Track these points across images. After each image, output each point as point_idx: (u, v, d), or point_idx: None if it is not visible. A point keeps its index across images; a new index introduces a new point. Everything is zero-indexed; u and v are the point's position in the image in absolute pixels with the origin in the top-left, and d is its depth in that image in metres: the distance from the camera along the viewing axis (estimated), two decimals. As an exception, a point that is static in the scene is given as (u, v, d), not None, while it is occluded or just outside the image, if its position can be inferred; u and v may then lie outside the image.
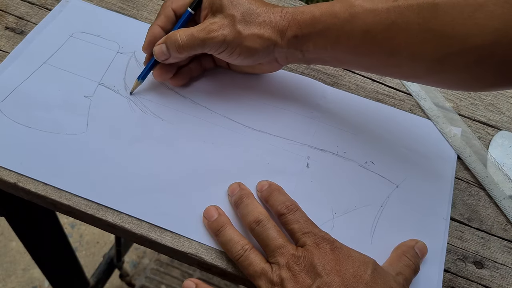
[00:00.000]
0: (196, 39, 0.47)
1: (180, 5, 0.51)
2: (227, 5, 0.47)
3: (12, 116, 0.50)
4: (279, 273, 0.40)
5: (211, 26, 0.47)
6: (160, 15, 0.51)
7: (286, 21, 0.47)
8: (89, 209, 0.46)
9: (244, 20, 0.47)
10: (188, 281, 0.42)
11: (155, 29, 0.51)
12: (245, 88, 0.56)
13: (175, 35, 0.48)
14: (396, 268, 0.42)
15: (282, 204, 0.44)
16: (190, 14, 0.50)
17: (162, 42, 0.49)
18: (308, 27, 0.46)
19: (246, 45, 0.47)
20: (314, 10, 0.46)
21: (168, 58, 0.49)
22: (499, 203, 0.51)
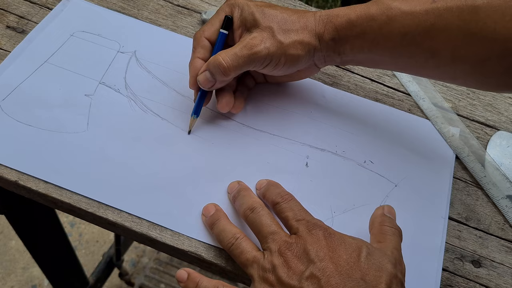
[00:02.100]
0: (240, 57, 0.46)
1: (212, 32, 0.50)
2: (261, 19, 0.47)
3: (13, 115, 0.50)
4: (271, 259, 0.40)
5: (252, 41, 0.47)
6: (196, 47, 0.50)
7: (322, 25, 0.47)
8: (90, 207, 0.46)
9: (282, 29, 0.47)
10: (181, 270, 0.42)
11: (196, 62, 0.49)
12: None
13: (217, 59, 0.47)
14: (388, 245, 0.42)
15: (278, 194, 0.45)
16: (224, 34, 0.49)
17: (205, 70, 0.48)
18: (344, 30, 0.46)
19: (290, 53, 0.47)
20: (349, 13, 0.46)
21: (214, 83, 0.48)
22: (496, 203, 0.51)
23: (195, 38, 0.50)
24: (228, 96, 0.51)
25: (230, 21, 0.49)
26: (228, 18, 0.49)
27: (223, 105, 0.50)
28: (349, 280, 0.38)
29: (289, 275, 0.39)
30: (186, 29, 0.61)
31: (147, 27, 0.60)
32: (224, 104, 0.50)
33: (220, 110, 0.51)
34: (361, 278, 0.38)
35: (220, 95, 0.51)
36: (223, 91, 0.51)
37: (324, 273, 0.38)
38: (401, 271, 0.40)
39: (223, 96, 0.50)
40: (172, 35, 0.60)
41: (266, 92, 0.56)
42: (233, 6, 0.49)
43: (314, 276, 0.38)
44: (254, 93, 0.56)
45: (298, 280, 0.38)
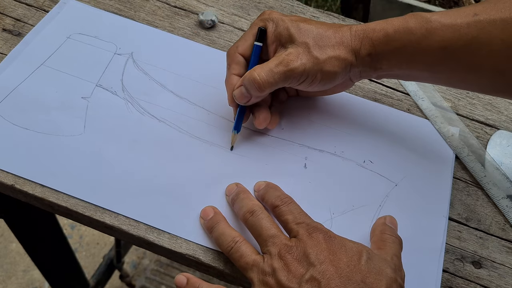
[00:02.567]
0: (275, 73, 0.45)
1: (246, 47, 0.49)
2: (297, 34, 0.46)
3: (10, 118, 0.50)
4: (271, 263, 0.40)
5: (288, 57, 0.46)
6: (230, 64, 0.49)
7: (358, 40, 0.46)
8: (87, 211, 0.45)
9: (318, 45, 0.46)
10: (180, 275, 0.42)
11: (232, 79, 0.49)
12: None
13: (252, 75, 0.46)
14: (388, 251, 0.42)
15: (277, 197, 0.44)
16: (259, 47, 0.48)
17: (240, 85, 0.47)
18: (381, 45, 0.45)
19: (326, 69, 0.46)
20: (386, 27, 0.45)
21: (250, 98, 0.47)
22: (497, 203, 0.51)
23: (228, 55, 0.50)
24: (265, 112, 0.50)
25: (263, 33, 0.48)
26: (261, 30, 0.48)
27: (260, 121, 0.49)
28: (349, 283, 0.37)
29: (289, 278, 0.38)
30: (183, 30, 0.60)
31: (144, 29, 0.60)
32: (262, 120, 0.49)
33: (257, 126, 0.50)
34: (361, 281, 0.37)
35: (257, 111, 0.50)
36: (260, 107, 0.50)
37: (324, 276, 0.38)
38: (400, 277, 0.40)
39: (260, 112, 0.50)
40: (169, 37, 0.59)
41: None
42: (267, 20, 0.48)
43: (314, 279, 0.38)
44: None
45: (298, 283, 0.38)
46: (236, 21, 0.62)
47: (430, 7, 1.47)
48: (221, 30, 0.61)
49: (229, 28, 0.61)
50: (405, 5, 1.48)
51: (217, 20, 0.61)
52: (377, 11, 1.56)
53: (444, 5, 1.53)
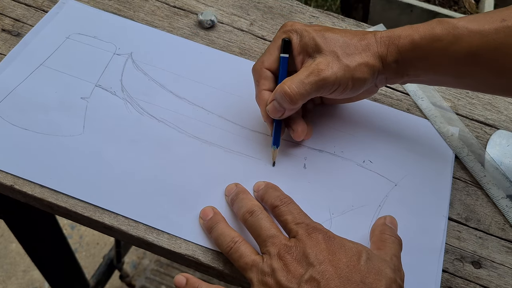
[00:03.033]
0: (307, 84, 0.45)
1: (272, 61, 0.48)
2: (323, 44, 0.46)
3: (9, 118, 0.50)
4: (270, 263, 0.40)
5: (318, 67, 0.45)
6: (259, 80, 0.49)
7: (384, 47, 0.46)
8: (86, 211, 0.45)
9: (346, 53, 0.46)
10: (179, 276, 0.42)
11: (263, 95, 0.48)
12: (242, 89, 0.56)
13: (283, 88, 0.45)
14: (387, 252, 0.42)
15: (276, 197, 0.44)
16: (286, 58, 0.48)
17: (272, 100, 0.47)
18: (408, 52, 0.45)
19: (357, 76, 0.46)
20: (412, 33, 0.45)
21: (284, 112, 0.47)
22: (497, 203, 0.51)
23: (255, 71, 0.49)
24: (302, 124, 0.49)
25: (288, 44, 0.48)
26: (286, 41, 0.47)
27: (298, 134, 0.49)
28: (348, 283, 0.37)
29: (288, 278, 0.38)
30: (183, 30, 0.60)
31: (143, 29, 0.59)
32: (300, 132, 0.49)
33: (296, 139, 0.50)
34: (360, 281, 0.37)
35: (293, 124, 0.49)
36: (295, 120, 0.49)
37: (324, 276, 0.37)
38: (400, 277, 0.40)
39: (296, 124, 0.49)
40: (169, 37, 0.59)
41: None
42: (290, 32, 0.48)
43: (313, 279, 0.38)
44: (252, 94, 0.56)
45: (297, 284, 0.38)
46: (236, 21, 0.62)
47: (429, 7, 1.47)
48: (220, 30, 0.61)
49: (229, 28, 0.61)
50: (405, 5, 1.48)
51: (216, 20, 0.61)
52: (377, 10, 1.56)
53: (443, 5, 1.53)
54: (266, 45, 0.60)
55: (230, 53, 0.59)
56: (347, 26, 0.64)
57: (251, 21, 0.62)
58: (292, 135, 0.50)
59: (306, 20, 0.64)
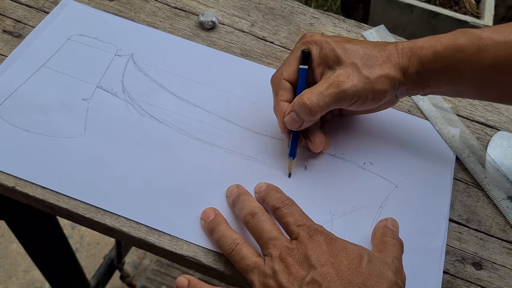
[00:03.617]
0: (326, 96, 0.45)
1: (291, 72, 0.48)
2: (344, 55, 0.45)
3: (10, 120, 0.50)
4: (271, 265, 0.40)
5: (338, 79, 0.45)
6: (277, 91, 0.48)
7: (406, 58, 0.45)
8: (87, 213, 0.46)
9: (366, 64, 0.45)
10: (180, 277, 0.42)
11: (281, 106, 0.48)
12: (243, 90, 0.56)
13: (302, 99, 0.45)
14: (389, 254, 0.42)
15: (278, 199, 0.44)
16: (305, 70, 0.48)
17: (290, 111, 0.46)
18: (430, 63, 0.45)
19: (377, 88, 0.45)
20: (435, 44, 0.45)
21: (302, 123, 0.46)
22: (497, 204, 0.51)
23: (274, 82, 0.49)
24: (320, 135, 0.49)
25: (308, 56, 0.47)
26: (305, 53, 0.47)
27: (317, 145, 0.49)
28: (350, 285, 0.37)
29: (290, 280, 0.38)
30: (184, 32, 0.60)
31: (144, 30, 0.60)
32: (318, 144, 0.49)
33: (314, 150, 0.49)
34: (362, 283, 0.37)
35: (311, 135, 0.49)
36: (313, 131, 0.49)
37: (325, 279, 0.38)
38: (401, 280, 0.40)
39: (315, 136, 0.49)
40: (170, 38, 0.59)
41: (263, 94, 0.56)
42: (310, 43, 0.48)
43: (315, 281, 0.38)
44: (252, 94, 0.56)
45: (299, 286, 0.38)
46: (237, 22, 0.62)
47: (430, 7, 1.46)
48: (221, 31, 0.61)
49: (230, 29, 0.61)
50: (405, 5, 1.48)
51: (217, 21, 0.61)
52: (377, 10, 1.56)
53: (444, 5, 1.53)
54: (267, 46, 0.61)
55: (231, 54, 0.59)
56: (348, 26, 0.64)
57: (252, 22, 0.63)
58: (310, 146, 0.49)
59: (307, 21, 0.64)
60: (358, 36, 0.63)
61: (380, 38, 0.63)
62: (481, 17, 1.49)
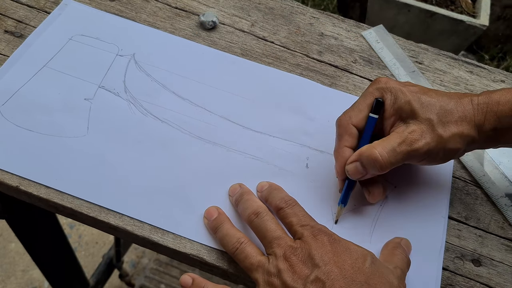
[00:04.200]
0: (398, 153, 0.43)
1: (360, 118, 0.46)
2: (420, 110, 0.44)
3: (13, 120, 0.50)
4: (276, 264, 0.40)
5: (412, 137, 0.44)
6: (342, 135, 0.47)
7: (482, 114, 0.44)
8: (91, 212, 0.46)
9: (441, 121, 0.44)
10: (185, 276, 0.43)
11: (344, 152, 0.46)
12: (244, 90, 0.56)
13: (373, 153, 0.43)
14: (392, 262, 0.43)
15: (281, 199, 0.45)
16: (375, 119, 0.46)
17: (355, 160, 0.45)
18: (508, 118, 0.44)
19: (449, 147, 0.44)
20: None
21: (365, 175, 0.45)
22: (496, 202, 0.51)
23: (340, 125, 0.47)
24: (380, 188, 0.48)
25: (381, 105, 0.46)
26: (379, 101, 0.46)
27: (374, 197, 0.47)
28: (353, 284, 0.38)
29: (294, 279, 0.39)
30: (185, 31, 0.61)
31: (146, 30, 0.60)
32: (376, 196, 0.47)
33: (370, 201, 0.48)
34: (365, 282, 0.38)
35: (371, 186, 0.47)
36: (373, 182, 0.48)
37: (329, 277, 0.38)
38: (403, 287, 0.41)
39: (374, 187, 0.47)
40: (171, 38, 0.60)
41: (263, 93, 0.56)
42: (384, 90, 0.46)
43: (319, 279, 0.38)
44: (253, 95, 0.56)
45: (303, 284, 0.38)
46: (237, 22, 0.63)
47: (427, 7, 1.47)
48: (222, 31, 0.61)
49: (230, 29, 0.62)
50: (402, 4, 1.48)
51: (218, 21, 0.61)
52: (374, 10, 1.57)
53: (441, 5, 1.54)
54: (267, 46, 0.61)
55: (232, 54, 0.59)
56: (347, 26, 0.65)
57: (252, 22, 0.63)
58: (367, 196, 0.48)
59: (306, 21, 0.64)
60: (357, 35, 0.64)
61: (379, 38, 0.63)
62: (477, 16, 1.50)
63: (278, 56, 0.60)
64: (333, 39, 0.63)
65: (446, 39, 1.53)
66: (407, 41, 0.64)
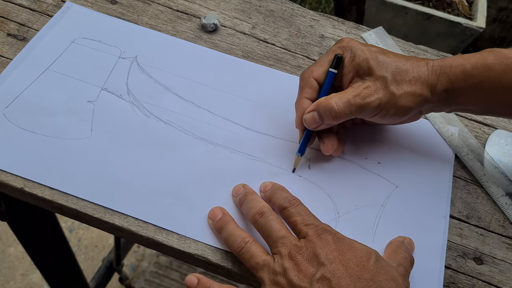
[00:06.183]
0: (352, 105, 0.46)
1: (320, 73, 0.49)
2: (376, 67, 0.47)
3: (17, 122, 0.50)
4: (281, 263, 0.40)
5: (366, 91, 0.46)
6: (303, 87, 0.50)
7: (435, 76, 0.46)
8: (96, 213, 0.46)
9: (395, 79, 0.46)
10: (190, 276, 0.43)
11: (303, 102, 0.49)
12: (246, 91, 0.57)
13: (330, 103, 0.46)
14: (396, 261, 0.43)
15: (285, 199, 0.45)
16: (334, 74, 0.49)
17: (313, 110, 0.47)
18: (459, 81, 0.46)
19: (400, 104, 0.46)
20: (464, 63, 0.46)
21: (320, 125, 0.48)
22: (496, 201, 0.52)
23: (302, 78, 0.50)
24: (333, 139, 0.50)
25: (340, 61, 0.49)
26: (338, 58, 0.48)
27: (328, 148, 0.50)
28: (359, 281, 0.38)
29: (300, 277, 0.39)
30: (186, 34, 0.61)
31: (148, 32, 0.60)
32: (330, 146, 0.50)
33: (324, 152, 0.50)
34: (370, 279, 0.38)
35: (325, 137, 0.50)
36: (328, 133, 0.50)
37: (335, 275, 0.38)
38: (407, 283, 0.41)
39: (328, 138, 0.50)
40: (173, 40, 0.60)
41: (265, 95, 0.57)
42: (345, 48, 0.49)
43: (324, 278, 0.38)
44: (255, 96, 0.56)
45: (309, 283, 0.39)
46: (238, 25, 0.63)
47: (424, 9, 1.48)
48: (223, 34, 0.62)
49: (231, 31, 0.62)
50: (399, 7, 1.49)
51: (219, 24, 0.62)
52: (372, 12, 1.58)
53: (437, 7, 1.55)
54: (268, 48, 0.61)
55: (233, 56, 0.60)
56: (347, 28, 0.65)
57: (253, 25, 0.63)
58: (322, 147, 0.50)
59: (307, 23, 0.65)
60: (357, 37, 0.64)
61: (379, 39, 0.64)
62: (473, 18, 1.51)
63: (279, 58, 0.61)
64: (333, 41, 0.63)
65: (443, 41, 1.54)
66: (406, 42, 0.65)
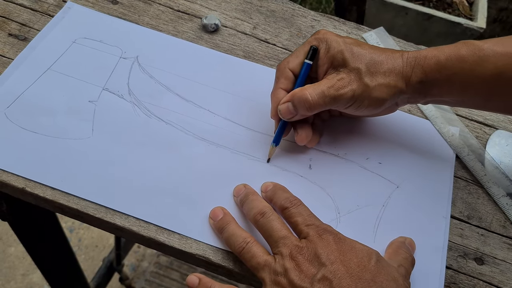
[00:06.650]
0: (326, 96, 0.46)
1: (296, 64, 0.49)
2: (350, 59, 0.47)
3: (18, 122, 0.51)
4: (282, 263, 0.41)
5: (340, 83, 0.47)
6: (279, 78, 0.50)
7: (410, 67, 0.47)
8: (97, 213, 0.46)
9: (369, 71, 0.46)
10: (191, 276, 0.43)
11: (279, 93, 0.49)
12: (247, 91, 0.57)
13: (304, 94, 0.47)
14: (396, 261, 0.43)
15: (286, 199, 0.45)
16: (309, 65, 0.49)
17: (287, 101, 0.48)
18: (433, 72, 0.46)
19: (374, 96, 0.47)
20: (438, 54, 0.46)
21: (295, 115, 0.48)
22: (497, 201, 0.52)
23: (278, 69, 0.50)
24: (307, 130, 0.50)
25: (315, 52, 0.49)
26: (314, 49, 0.49)
27: (302, 138, 0.50)
28: (360, 281, 0.38)
29: (301, 278, 0.39)
30: (187, 34, 0.61)
31: (149, 33, 0.60)
32: (304, 137, 0.50)
33: (298, 142, 0.50)
34: (371, 280, 0.39)
35: (300, 127, 0.50)
36: (302, 124, 0.50)
37: (336, 275, 0.39)
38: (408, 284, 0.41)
39: (302, 129, 0.50)
40: (174, 40, 0.60)
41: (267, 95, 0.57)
42: (320, 40, 0.49)
43: (326, 278, 0.39)
44: (257, 96, 0.56)
45: (310, 283, 0.39)
46: (239, 25, 0.63)
47: (424, 9, 1.48)
48: (224, 34, 0.62)
49: (232, 31, 0.62)
50: (400, 8, 1.49)
51: (220, 24, 0.62)
52: (372, 13, 1.58)
53: (438, 7, 1.55)
54: (269, 48, 0.61)
55: (234, 56, 0.60)
56: (348, 29, 0.65)
57: (254, 25, 0.64)
58: (296, 137, 0.51)
59: (308, 23, 0.65)
60: (358, 38, 0.64)
61: (380, 40, 0.64)
62: (474, 19, 1.51)
63: (280, 58, 0.61)
64: (334, 41, 0.63)
65: (443, 41, 1.54)
66: (407, 42, 0.65)
